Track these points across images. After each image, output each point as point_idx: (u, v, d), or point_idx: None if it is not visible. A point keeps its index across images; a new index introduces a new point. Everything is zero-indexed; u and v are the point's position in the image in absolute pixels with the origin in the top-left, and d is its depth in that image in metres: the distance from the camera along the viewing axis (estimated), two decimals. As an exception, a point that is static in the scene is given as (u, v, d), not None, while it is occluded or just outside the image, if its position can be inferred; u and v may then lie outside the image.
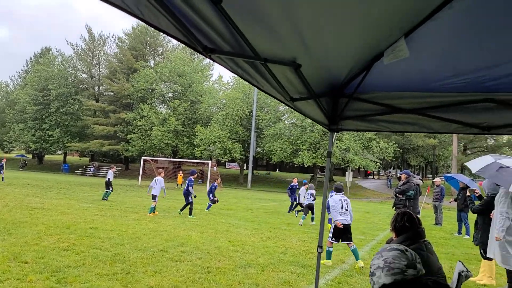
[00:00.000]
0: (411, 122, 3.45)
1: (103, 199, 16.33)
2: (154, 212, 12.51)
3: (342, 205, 7.43)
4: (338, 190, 7.79)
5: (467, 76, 2.88)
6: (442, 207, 14.93)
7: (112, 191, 16.92)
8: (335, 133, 3.75)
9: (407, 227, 3.01)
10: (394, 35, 2.36)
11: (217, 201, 15.30)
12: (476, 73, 2.81)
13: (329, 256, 7.34)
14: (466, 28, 2.21)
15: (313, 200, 13.18)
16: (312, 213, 13.13)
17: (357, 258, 7.19)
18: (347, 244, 7.37)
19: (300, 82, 2.76)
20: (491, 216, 6.19)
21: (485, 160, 6.41)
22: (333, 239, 7.34)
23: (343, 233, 7.32)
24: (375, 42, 2.49)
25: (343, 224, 7.27)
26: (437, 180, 15.22)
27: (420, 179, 11.37)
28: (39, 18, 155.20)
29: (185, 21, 1.54)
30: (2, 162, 25.43)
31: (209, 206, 14.78)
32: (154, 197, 12.72)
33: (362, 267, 7.05)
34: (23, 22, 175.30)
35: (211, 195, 15.00)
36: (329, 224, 7.53)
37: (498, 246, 5.77)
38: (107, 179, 16.89)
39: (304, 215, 12.85)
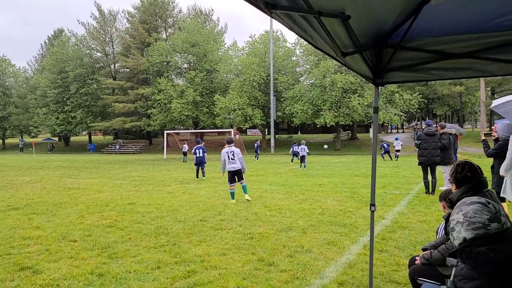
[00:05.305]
0: (465, 67, 3.22)
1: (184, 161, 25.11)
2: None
3: (228, 156, 9.30)
4: (228, 142, 9.51)
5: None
6: None
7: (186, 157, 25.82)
8: (380, 87, 3.56)
9: (469, 177, 2.86)
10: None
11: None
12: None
13: (232, 196, 9.32)
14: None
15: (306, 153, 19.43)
16: (302, 162, 19.28)
17: (245, 192, 9.44)
18: (240, 182, 9.36)
19: (347, 35, 2.58)
20: None
21: (508, 97, 6.18)
22: (229, 183, 9.34)
23: (234, 176, 9.31)
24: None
25: (231, 171, 9.29)
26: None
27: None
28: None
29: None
30: (258, 143, 29.84)
31: None
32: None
33: (249, 200, 9.25)
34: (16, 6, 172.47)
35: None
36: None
37: (510, 185, 5.58)
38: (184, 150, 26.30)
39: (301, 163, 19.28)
